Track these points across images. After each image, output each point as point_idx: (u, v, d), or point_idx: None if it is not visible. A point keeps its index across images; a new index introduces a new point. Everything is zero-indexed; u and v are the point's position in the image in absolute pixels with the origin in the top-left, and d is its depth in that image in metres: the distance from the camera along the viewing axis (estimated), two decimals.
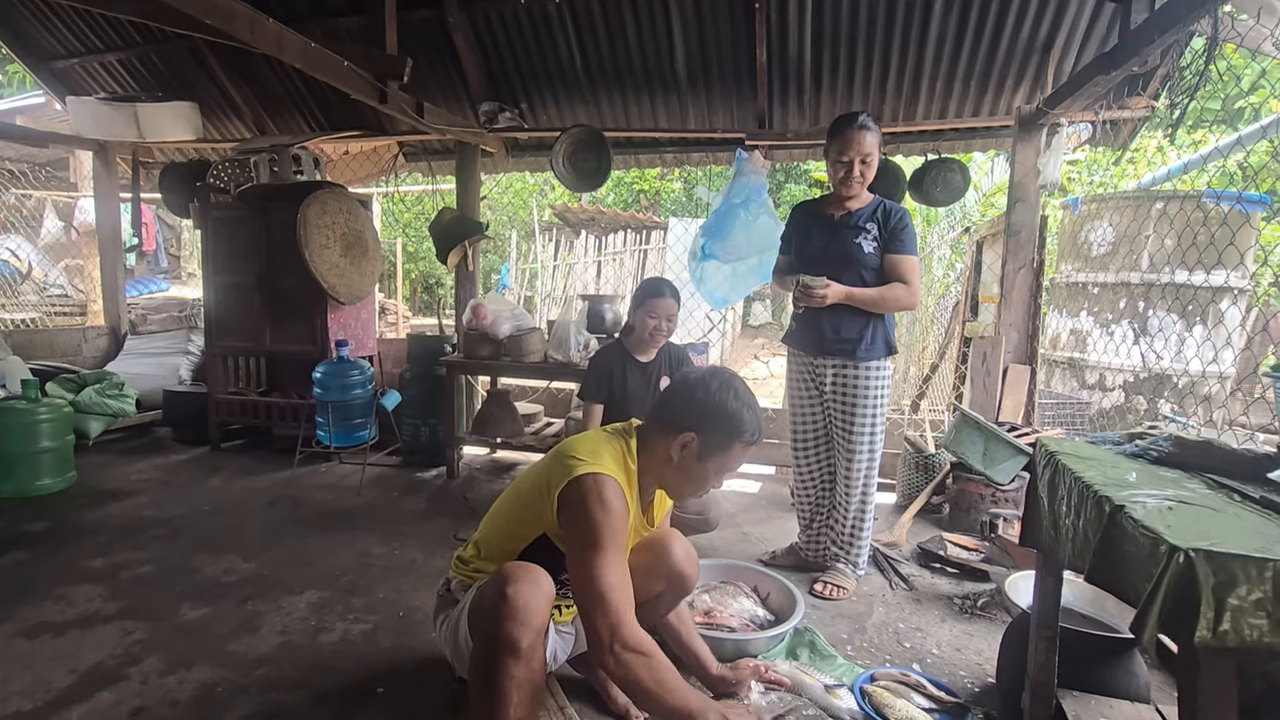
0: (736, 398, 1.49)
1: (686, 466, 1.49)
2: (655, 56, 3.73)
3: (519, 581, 1.30)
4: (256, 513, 3.13)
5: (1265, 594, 0.87)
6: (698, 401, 1.49)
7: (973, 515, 3.02)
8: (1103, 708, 1.49)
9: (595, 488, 1.36)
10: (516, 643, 1.26)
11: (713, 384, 1.50)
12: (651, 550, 1.63)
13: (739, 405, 1.48)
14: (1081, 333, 4.50)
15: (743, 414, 1.48)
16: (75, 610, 2.18)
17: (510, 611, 1.27)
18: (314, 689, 1.79)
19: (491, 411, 3.73)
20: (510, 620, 1.27)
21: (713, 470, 1.50)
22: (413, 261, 12.24)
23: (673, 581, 1.63)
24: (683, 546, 1.65)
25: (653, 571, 1.62)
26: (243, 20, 2.43)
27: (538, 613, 1.29)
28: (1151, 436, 1.43)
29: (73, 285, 7.48)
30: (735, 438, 1.48)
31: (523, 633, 1.26)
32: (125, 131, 4.28)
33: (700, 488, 1.55)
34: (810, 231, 2.46)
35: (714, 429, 1.47)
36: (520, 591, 1.28)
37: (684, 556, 1.63)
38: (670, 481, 1.56)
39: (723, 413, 1.47)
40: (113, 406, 4.08)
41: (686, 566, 1.63)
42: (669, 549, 1.62)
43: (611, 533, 1.35)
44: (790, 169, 11.36)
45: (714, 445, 1.47)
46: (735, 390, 1.51)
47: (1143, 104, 3.22)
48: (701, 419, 1.48)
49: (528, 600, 1.28)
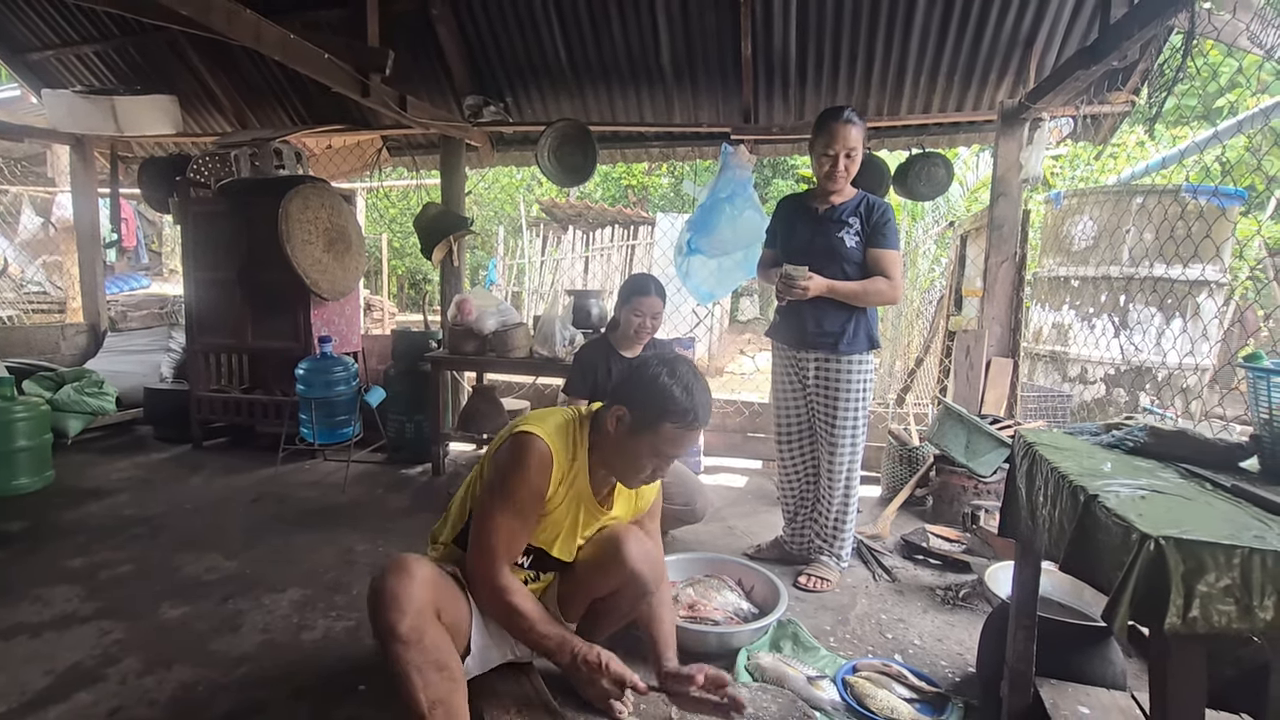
0: (673, 377, 1.48)
1: (620, 441, 1.50)
2: (640, 50, 3.72)
3: (389, 573, 1.36)
4: (239, 511, 3.10)
5: (1234, 580, 0.88)
6: (634, 377, 1.52)
7: (955, 507, 3.05)
8: (1080, 695, 1.51)
9: (519, 444, 1.46)
10: (395, 628, 1.30)
11: (654, 363, 1.52)
12: (606, 547, 1.61)
13: (673, 384, 1.46)
14: (1064, 326, 4.55)
15: (674, 392, 1.46)
16: (52, 611, 2.15)
17: (383, 601, 1.33)
18: (295, 686, 1.78)
19: (477, 407, 3.72)
20: (384, 609, 1.32)
21: (645, 450, 1.48)
22: (399, 257, 12.14)
23: (628, 582, 1.59)
24: (640, 547, 1.60)
25: (606, 569, 1.60)
26: (219, 11, 2.39)
27: (411, 598, 1.32)
28: (1127, 427, 1.45)
29: (51, 282, 7.36)
30: (664, 416, 1.45)
31: (398, 618, 1.30)
32: (103, 125, 4.20)
33: (635, 469, 1.52)
34: (794, 225, 2.47)
35: (644, 404, 1.47)
36: (388, 582, 1.34)
37: (639, 556, 1.59)
38: (608, 459, 1.55)
39: (654, 389, 1.47)
40: (92, 405, 4.03)
41: (641, 567, 1.58)
42: (624, 548, 1.58)
43: (515, 487, 1.44)
44: (777, 164, 11.37)
45: (643, 421, 1.47)
46: (675, 371, 1.49)
47: (1123, 99, 3.25)
48: (633, 393, 1.50)
49: (396, 589, 1.32)
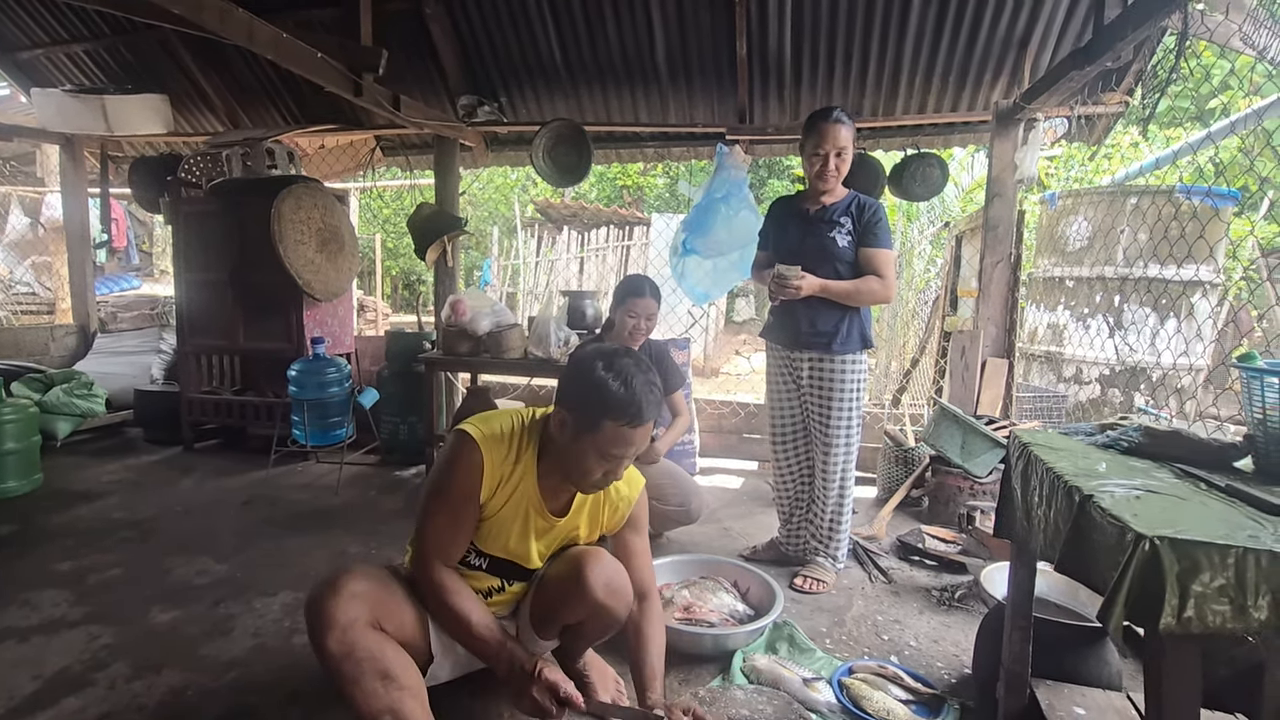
0: (609, 369, 1.35)
1: (565, 446, 1.41)
2: (635, 50, 3.71)
3: (315, 591, 1.36)
4: (230, 514, 3.07)
5: (1228, 580, 0.88)
6: (571, 375, 1.42)
7: (951, 508, 3.05)
8: (1075, 696, 1.51)
9: (450, 445, 1.46)
10: (323, 643, 1.30)
11: (589, 357, 1.40)
12: (570, 575, 1.48)
13: (609, 378, 1.34)
14: (1059, 326, 4.56)
15: (611, 387, 1.33)
16: (40, 615, 2.12)
17: (311, 620, 1.34)
18: (287, 690, 1.76)
19: (471, 408, 3.69)
20: (312, 629, 1.33)
21: (590, 452, 1.37)
22: (393, 258, 12.10)
23: (593, 613, 1.48)
24: (604, 576, 1.47)
25: (569, 599, 1.49)
26: (212, 10, 2.37)
27: (338, 612, 1.31)
28: (1122, 427, 1.45)
29: (40, 283, 7.31)
30: (603, 414, 1.34)
31: (325, 633, 1.30)
32: (93, 125, 4.18)
33: (584, 473, 1.41)
34: (786, 226, 2.47)
35: (582, 404, 1.37)
36: (314, 601, 1.35)
37: (603, 589, 1.45)
38: (558, 464, 1.46)
39: (590, 386, 1.35)
40: (81, 407, 3.99)
41: (606, 599, 1.46)
42: (587, 580, 1.45)
43: (442, 487, 1.44)
44: (773, 164, 11.38)
45: (583, 422, 1.36)
46: (613, 364, 1.36)
47: (1117, 99, 3.26)
48: (571, 394, 1.40)
49: (321, 606, 1.33)
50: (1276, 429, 1.21)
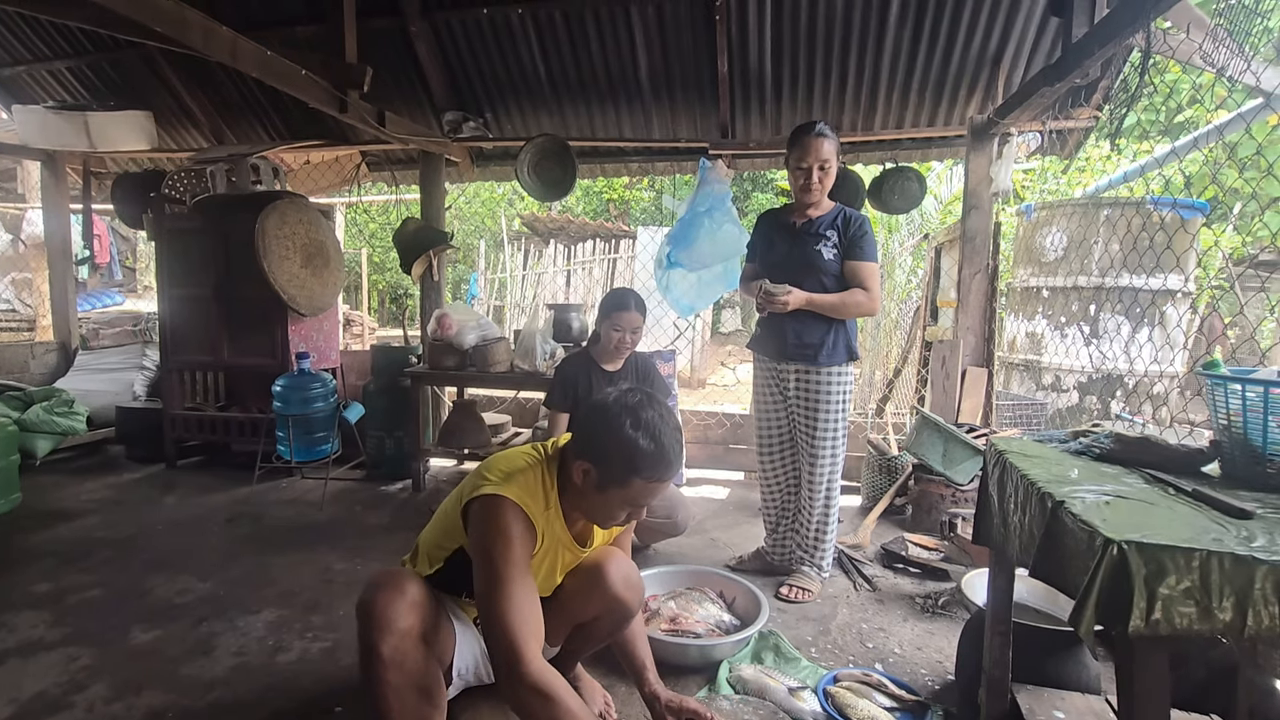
0: (638, 428, 1.31)
1: (589, 495, 1.38)
2: (619, 66, 3.76)
3: (379, 588, 1.33)
4: (213, 531, 3.04)
5: (1193, 583, 0.90)
6: (595, 430, 1.36)
7: (934, 515, 3.08)
8: (1055, 700, 1.53)
9: (491, 512, 1.32)
10: (378, 647, 1.27)
11: (615, 410, 1.34)
12: (589, 575, 1.55)
13: (639, 436, 1.31)
14: (1037, 335, 4.64)
15: (640, 445, 1.31)
16: (16, 638, 2.09)
17: (368, 619, 1.30)
18: (270, 710, 1.75)
19: (458, 422, 3.69)
20: (370, 627, 1.29)
21: (616, 503, 1.37)
22: (379, 272, 12.07)
23: (610, 608, 1.56)
24: (622, 572, 1.55)
25: (588, 596, 1.55)
26: (196, 28, 2.38)
27: (398, 618, 1.30)
28: (1094, 434, 1.48)
29: (20, 300, 7.21)
30: (633, 473, 1.32)
31: (381, 637, 1.28)
32: (75, 141, 4.15)
33: (609, 517, 1.42)
34: (773, 239, 2.51)
35: (610, 461, 1.33)
36: (378, 599, 1.31)
37: (622, 583, 1.54)
38: (582, 507, 1.45)
39: (619, 443, 1.31)
40: (61, 424, 3.93)
41: (625, 593, 1.55)
42: (607, 575, 1.53)
43: (507, 560, 1.28)
44: (757, 178, 11.52)
45: (610, 478, 1.34)
46: (640, 420, 1.32)
47: (1086, 114, 3.35)
48: (597, 449, 1.35)
49: (385, 607, 1.30)
50: (1240, 434, 1.25)
